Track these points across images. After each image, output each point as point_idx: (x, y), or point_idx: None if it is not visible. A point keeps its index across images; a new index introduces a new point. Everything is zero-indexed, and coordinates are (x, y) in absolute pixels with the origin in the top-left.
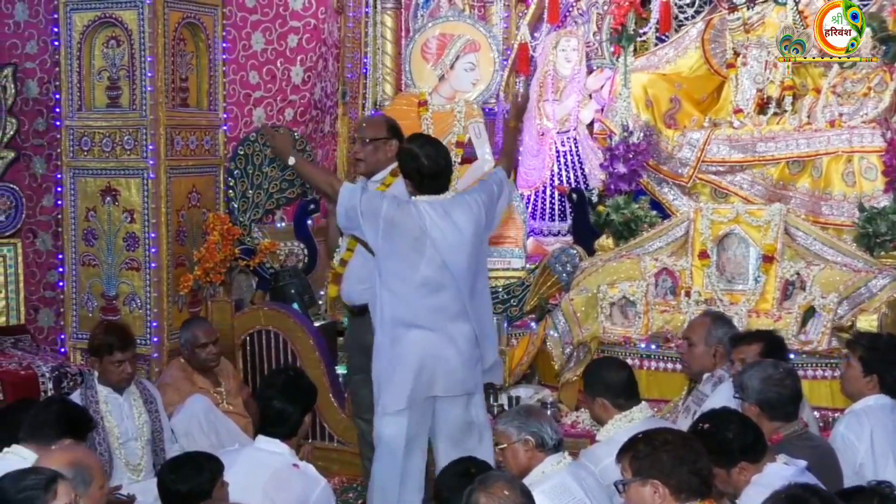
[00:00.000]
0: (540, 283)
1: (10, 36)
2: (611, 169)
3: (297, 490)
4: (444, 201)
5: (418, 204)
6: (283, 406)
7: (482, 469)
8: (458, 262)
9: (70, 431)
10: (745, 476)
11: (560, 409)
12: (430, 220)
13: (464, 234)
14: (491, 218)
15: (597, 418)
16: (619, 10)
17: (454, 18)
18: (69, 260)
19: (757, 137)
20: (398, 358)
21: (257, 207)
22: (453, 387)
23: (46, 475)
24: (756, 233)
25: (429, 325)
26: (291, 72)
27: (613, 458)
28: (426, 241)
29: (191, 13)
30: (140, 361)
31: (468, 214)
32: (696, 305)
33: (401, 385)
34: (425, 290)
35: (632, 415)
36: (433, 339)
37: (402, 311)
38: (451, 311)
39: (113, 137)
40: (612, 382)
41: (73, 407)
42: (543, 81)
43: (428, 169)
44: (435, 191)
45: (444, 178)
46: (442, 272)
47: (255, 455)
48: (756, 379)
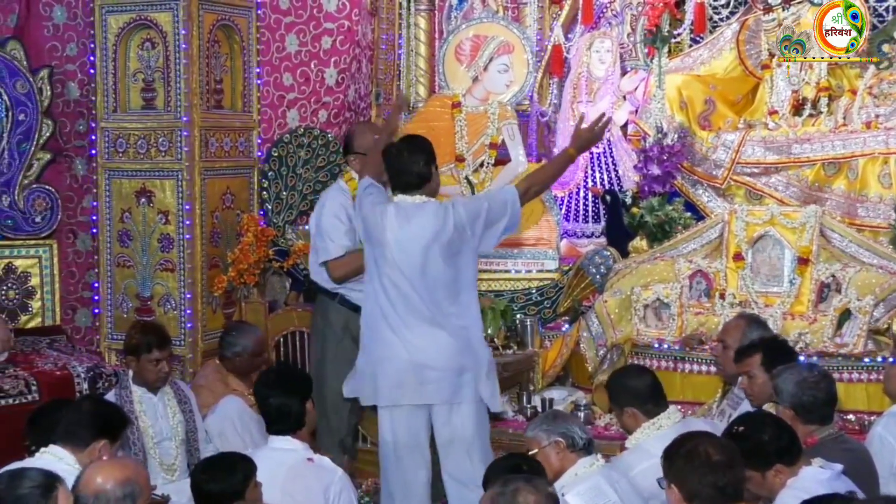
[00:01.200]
0: (573, 284)
1: (50, 38)
2: (645, 171)
3: (315, 483)
4: (413, 205)
5: (387, 206)
6: (282, 401)
7: (533, 466)
8: (412, 268)
9: (105, 432)
10: (781, 479)
11: (593, 411)
12: (389, 224)
13: (418, 240)
14: (483, 235)
15: (627, 428)
16: (654, 12)
17: (488, 20)
18: (104, 261)
19: (792, 139)
20: (375, 357)
21: (291, 209)
22: (425, 395)
23: (43, 479)
24: (791, 235)
25: (402, 329)
26: (325, 73)
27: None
28: (385, 247)
29: (225, 15)
30: (174, 362)
31: (428, 221)
32: (731, 308)
33: (375, 382)
34: (394, 291)
35: (660, 422)
36: (405, 343)
37: (377, 310)
38: (423, 316)
39: (148, 139)
40: (637, 390)
41: (107, 406)
42: (577, 83)
43: (394, 161)
44: (399, 188)
45: (404, 176)
46: (401, 277)
47: (270, 455)
48: (791, 382)
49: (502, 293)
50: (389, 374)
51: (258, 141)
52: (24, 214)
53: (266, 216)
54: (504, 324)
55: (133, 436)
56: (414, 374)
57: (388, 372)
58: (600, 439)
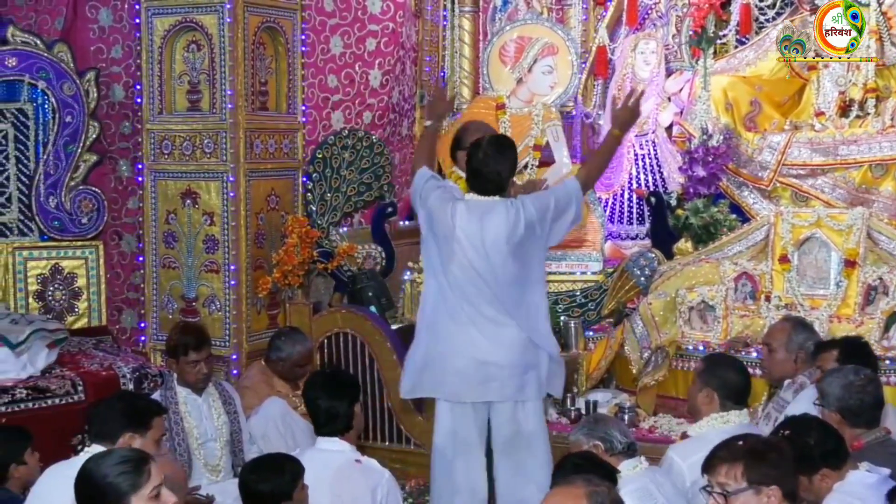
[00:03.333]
0: (618, 286)
1: (96, 41)
2: (690, 172)
3: (362, 484)
4: (486, 203)
5: (458, 203)
6: (330, 403)
7: (603, 464)
8: (482, 266)
9: (132, 424)
10: (827, 483)
11: (638, 413)
12: (460, 222)
13: (490, 239)
14: (551, 230)
15: (695, 408)
16: (699, 13)
17: (532, 21)
18: (150, 262)
19: (839, 140)
20: (432, 352)
21: (335, 210)
22: (489, 392)
23: (137, 455)
24: (838, 237)
25: (467, 325)
26: (370, 75)
27: (702, 455)
28: (453, 242)
29: (270, 17)
30: (219, 363)
31: (500, 219)
32: (777, 310)
33: (438, 377)
34: (460, 288)
35: (728, 416)
36: (471, 340)
37: (442, 305)
38: (488, 314)
39: (193, 141)
40: (731, 382)
41: (134, 399)
42: (622, 84)
43: (474, 162)
44: (477, 189)
45: (483, 180)
46: (470, 274)
47: (317, 456)
48: (837, 385)
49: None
50: (453, 370)
51: (303, 143)
52: (71, 216)
53: (310, 218)
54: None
55: (178, 437)
56: (478, 371)
57: (451, 367)
58: (645, 442)
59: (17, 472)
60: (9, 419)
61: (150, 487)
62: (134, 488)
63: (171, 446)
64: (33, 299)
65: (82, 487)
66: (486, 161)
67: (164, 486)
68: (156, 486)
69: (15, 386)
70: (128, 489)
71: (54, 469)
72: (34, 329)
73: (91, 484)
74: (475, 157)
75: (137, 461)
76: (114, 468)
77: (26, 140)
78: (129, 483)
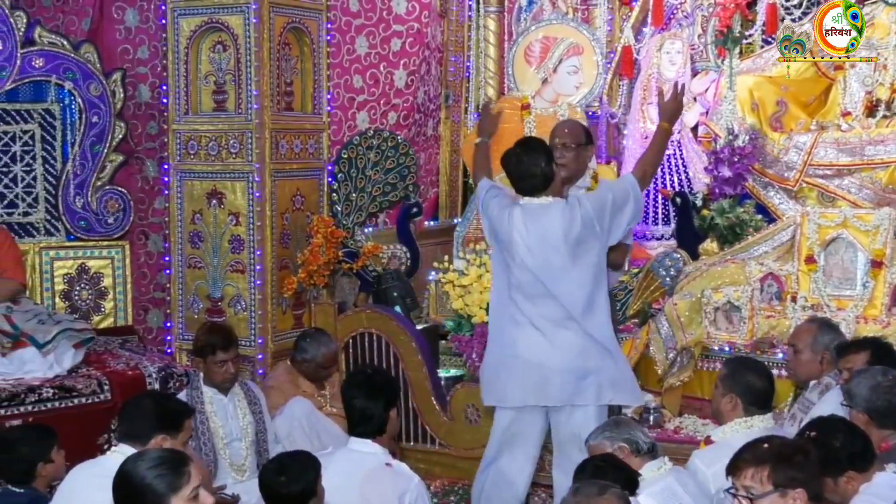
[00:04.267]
0: (643, 287)
1: (122, 41)
2: (715, 172)
3: (391, 488)
4: (540, 206)
5: (514, 207)
6: (365, 404)
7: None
8: (540, 269)
9: (163, 425)
10: (853, 485)
11: (663, 414)
12: (517, 225)
13: (548, 239)
14: (610, 227)
15: (719, 413)
16: (725, 12)
17: (557, 21)
18: (176, 262)
19: (865, 140)
20: (499, 357)
21: (360, 210)
22: (546, 397)
23: (176, 456)
24: (864, 237)
25: (528, 329)
26: (395, 75)
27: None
28: (513, 247)
29: (296, 18)
30: (245, 363)
31: (556, 220)
32: (803, 311)
33: (498, 383)
34: (521, 295)
35: (752, 422)
36: (529, 344)
37: (504, 311)
38: (550, 316)
39: (219, 141)
40: (754, 387)
41: (164, 400)
42: (647, 84)
43: (514, 168)
44: (525, 192)
45: (529, 181)
46: (531, 278)
47: (349, 456)
48: (864, 387)
49: None
50: (513, 375)
51: (328, 143)
52: (97, 216)
53: (335, 218)
54: None
55: (203, 436)
56: (536, 374)
57: (511, 372)
58: (670, 443)
59: (44, 470)
60: (35, 418)
61: (189, 489)
62: (173, 489)
63: (196, 446)
64: (60, 299)
65: (120, 487)
66: (521, 163)
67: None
68: (195, 487)
69: (42, 385)
70: (166, 490)
71: (81, 468)
72: (61, 329)
73: (130, 484)
74: (510, 166)
75: (177, 462)
76: (152, 469)
77: (53, 140)
78: (168, 484)
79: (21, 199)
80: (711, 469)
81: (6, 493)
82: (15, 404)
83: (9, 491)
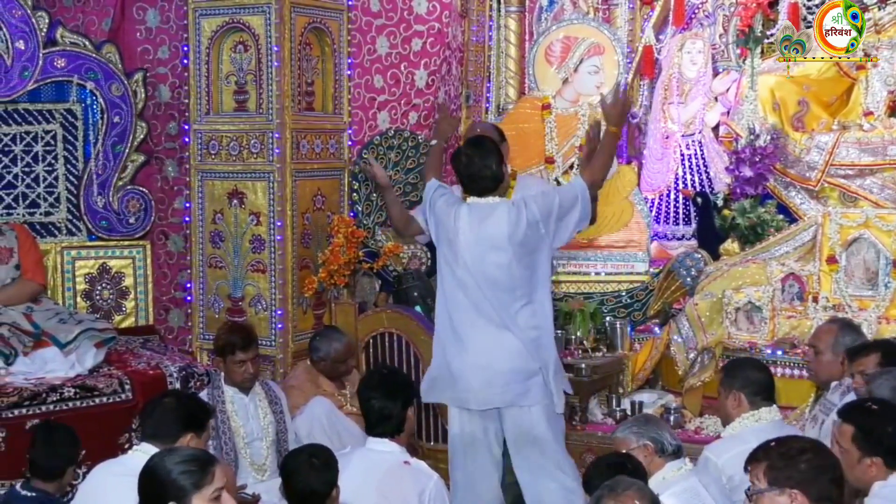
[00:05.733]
0: (664, 287)
1: (143, 41)
2: (737, 172)
3: (410, 486)
4: (486, 206)
5: (461, 207)
6: (383, 404)
7: (637, 467)
8: (483, 270)
9: (190, 425)
10: (872, 472)
11: (684, 414)
12: (462, 224)
13: (492, 240)
14: (556, 230)
15: (726, 413)
16: (746, 12)
17: (578, 21)
18: (196, 262)
19: (888, 140)
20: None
21: (381, 211)
22: (492, 399)
23: (203, 455)
24: (886, 238)
25: (469, 331)
26: (415, 75)
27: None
28: (457, 246)
29: (317, 18)
30: (265, 362)
31: (501, 221)
32: (824, 311)
33: (443, 384)
34: (463, 293)
35: (759, 414)
36: (472, 346)
37: (447, 312)
38: (492, 318)
39: (240, 141)
40: (754, 379)
41: (190, 400)
42: (668, 84)
43: (464, 168)
44: (474, 193)
45: (479, 182)
46: (471, 279)
47: (367, 455)
48: (886, 388)
49: (592, 295)
50: (458, 376)
51: (349, 143)
52: (119, 216)
53: (356, 218)
54: (593, 326)
55: (224, 436)
56: (480, 377)
57: (457, 373)
58: (690, 443)
59: (71, 475)
60: (57, 417)
61: (212, 489)
62: (196, 487)
63: (217, 445)
64: (81, 298)
65: (145, 480)
66: (472, 164)
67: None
68: (218, 488)
69: (63, 384)
70: (190, 488)
71: (102, 467)
72: (83, 329)
73: (155, 477)
74: (460, 165)
75: (204, 461)
76: (178, 465)
77: (75, 140)
78: (192, 482)
79: (43, 199)
80: (721, 459)
81: (13, 496)
82: (36, 403)
83: (17, 494)
